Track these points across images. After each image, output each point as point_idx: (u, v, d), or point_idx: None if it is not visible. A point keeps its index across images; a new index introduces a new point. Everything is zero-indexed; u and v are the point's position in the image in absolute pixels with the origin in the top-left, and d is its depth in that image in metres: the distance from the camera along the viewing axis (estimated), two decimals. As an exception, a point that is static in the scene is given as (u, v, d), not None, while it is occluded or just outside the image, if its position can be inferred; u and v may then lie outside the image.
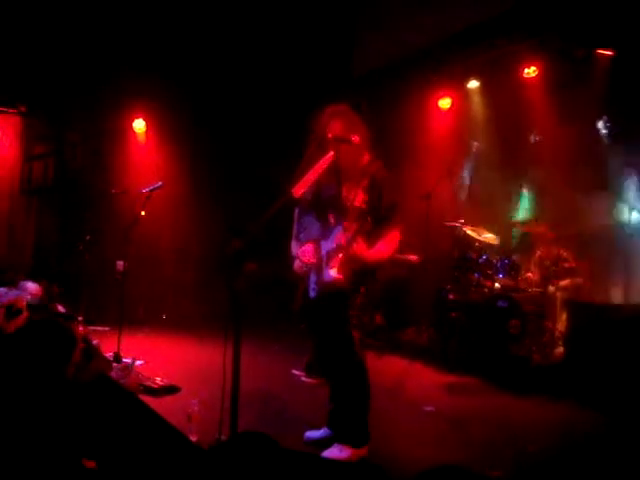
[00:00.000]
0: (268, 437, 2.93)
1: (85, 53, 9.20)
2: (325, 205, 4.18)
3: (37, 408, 3.35)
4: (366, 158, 4.15)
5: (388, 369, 6.87)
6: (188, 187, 9.93)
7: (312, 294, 4.15)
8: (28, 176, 9.98)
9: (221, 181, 10.35)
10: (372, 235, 4.01)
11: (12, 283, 6.23)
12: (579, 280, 7.41)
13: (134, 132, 10.34)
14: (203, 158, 10.31)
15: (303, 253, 4.15)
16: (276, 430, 4.11)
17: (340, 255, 3.95)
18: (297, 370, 6.32)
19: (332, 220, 4.12)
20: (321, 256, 4.11)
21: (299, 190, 3.74)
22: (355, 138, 3.99)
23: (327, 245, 4.09)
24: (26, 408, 3.34)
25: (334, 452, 3.97)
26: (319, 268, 4.11)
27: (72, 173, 10.07)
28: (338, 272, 3.95)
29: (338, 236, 4.02)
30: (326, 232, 4.13)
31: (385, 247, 4.03)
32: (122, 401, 3.68)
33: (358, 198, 4.00)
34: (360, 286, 4.09)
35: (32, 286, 6.39)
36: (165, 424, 3.52)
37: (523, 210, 8.44)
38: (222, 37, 9.60)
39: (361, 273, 4.03)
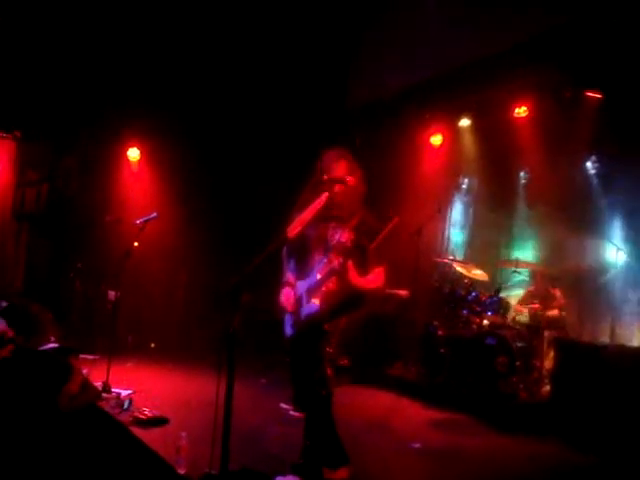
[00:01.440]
0: (260, 473, 2.95)
1: (81, 82, 9.29)
2: (311, 244, 4.24)
3: (25, 436, 3.36)
4: (358, 200, 4.24)
5: (375, 404, 6.87)
6: (180, 216, 9.97)
7: (289, 331, 4.25)
8: (21, 201, 9.99)
9: (213, 211, 10.40)
10: (358, 270, 4.06)
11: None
12: (565, 316, 7.48)
13: (128, 160, 10.41)
14: (196, 187, 10.36)
15: (284, 297, 4.24)
16: (264, 464, 4.14)
17: (332, 279, 4.03)
18: (285, 404, 6.32)
19: (316, 258, 4.19)
20: (299, 296, 4.20)
21: (293, 230, 3.82)
22: (350, 179, 4.10)
23: (309, 281, 4.17)
24: (13, 435, 3.35)
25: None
26: (297, 307, 4.19)
27: (65, 200, 10.09)
28: (320, 303, 4.03)
29: (322, 268, 4.10)
30: (308, 270, 4.21)
31: (372, 281, 4.09)
32: (111, 432, 3.69)
33: (344, 236, 4.09)
34: (338, 318, 4.14)
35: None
36: (154, 456, 3.54)
37: (515, 248, 8.53)
38: (217, 68, 9.71)
39: (344, 303, 4.09)
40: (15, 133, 9.85)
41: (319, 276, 4.10)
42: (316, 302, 4.06)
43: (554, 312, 7.35)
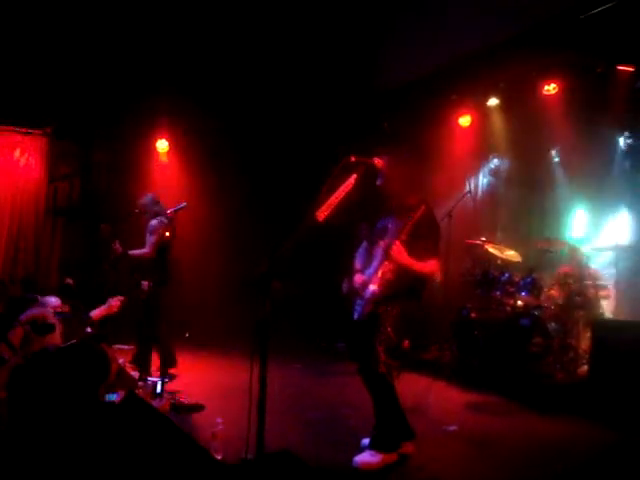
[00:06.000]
0: (294, 455, 2.96)
1: (109, 75, 9.34)
2: (377, 234, 4.46)
3: (71, 428, 3.41)
4: (413, 195, 4.36)
5: (410, 388, 6.84)
6: (210, 206, 10.03)
7: (355, 316, 4.42)
8: (53, 196, 10.12)
9: (243, 200, 10.44)
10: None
11: (34, 302, 6.21)
12: (600, 295, 7.35)
13: (157, 152, 10.48)
14: (225, 178, 10.41)
15: (357, 280, 4.45)
16: (303, 448, 4.16)
17: (389, 267, 4.20)
18: None
19: (378, 247, 4.39)
20: (365, 281, 4.39)
21: (323, 214, 3.85)
22: (377, 161, 4.17)
23: (370, 269, 4.38)
24: (60, 428, 3.40)
25: (365, 457, 4.24)
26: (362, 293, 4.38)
27: (97, 193, 10.21)
28: (376, 286, 4.23)
29: (379, 252, 4.31)
30: (372, 259, 4.42)
31: (423, 266, 4.21)
32: (148, 418, 3.72)
33: (402, 229, 4.16)
34: (394, 303, 4.27)
35: (53, 300, 6.24)
36: (191, 441, 3.56)
37: (548, 227, 8.40)
38: (242, 53, 9.67)
39: (397, 286, 4.23)
40: (46, 129, 9.97)
41: (376, 263, 4.31)
42: (372, 287, 4.26)
43: (590, 290, 7.24)
